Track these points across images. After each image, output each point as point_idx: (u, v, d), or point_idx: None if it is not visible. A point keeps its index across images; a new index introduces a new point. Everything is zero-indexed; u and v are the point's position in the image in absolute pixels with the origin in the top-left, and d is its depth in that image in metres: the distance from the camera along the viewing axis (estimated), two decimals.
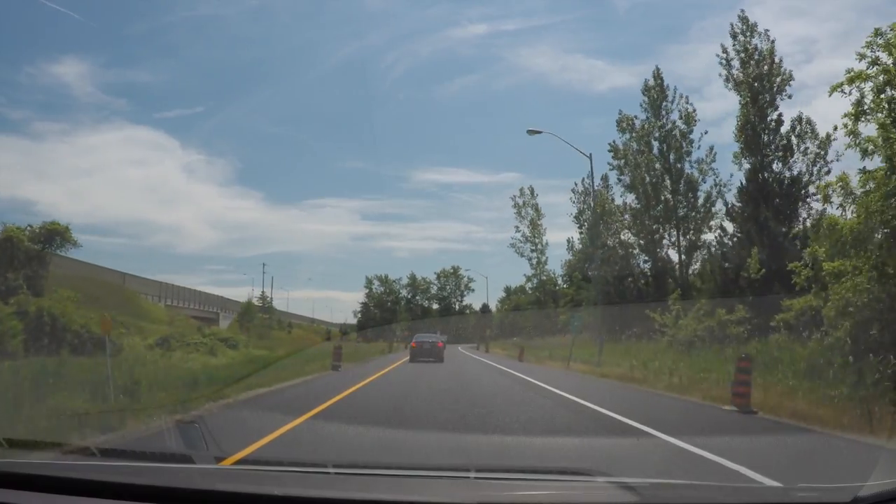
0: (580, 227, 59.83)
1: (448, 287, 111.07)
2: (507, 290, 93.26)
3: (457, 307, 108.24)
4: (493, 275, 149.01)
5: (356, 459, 5.67)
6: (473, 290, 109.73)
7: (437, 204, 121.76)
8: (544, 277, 67.09)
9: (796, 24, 69.43)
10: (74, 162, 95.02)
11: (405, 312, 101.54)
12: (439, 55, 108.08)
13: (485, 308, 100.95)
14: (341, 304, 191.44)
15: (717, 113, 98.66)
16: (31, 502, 2.37)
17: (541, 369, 25.05)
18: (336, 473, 2.99)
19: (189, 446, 3.81)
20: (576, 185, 60.14)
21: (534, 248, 67.38)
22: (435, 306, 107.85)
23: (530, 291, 70.47)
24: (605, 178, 56.55)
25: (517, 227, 67.53)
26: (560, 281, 65.27)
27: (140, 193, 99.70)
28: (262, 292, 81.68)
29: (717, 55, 31.07)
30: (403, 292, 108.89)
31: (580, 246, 60.40)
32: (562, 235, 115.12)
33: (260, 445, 7.05)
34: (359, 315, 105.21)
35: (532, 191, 68.40)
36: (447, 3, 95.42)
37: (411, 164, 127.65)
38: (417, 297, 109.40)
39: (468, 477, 3.03)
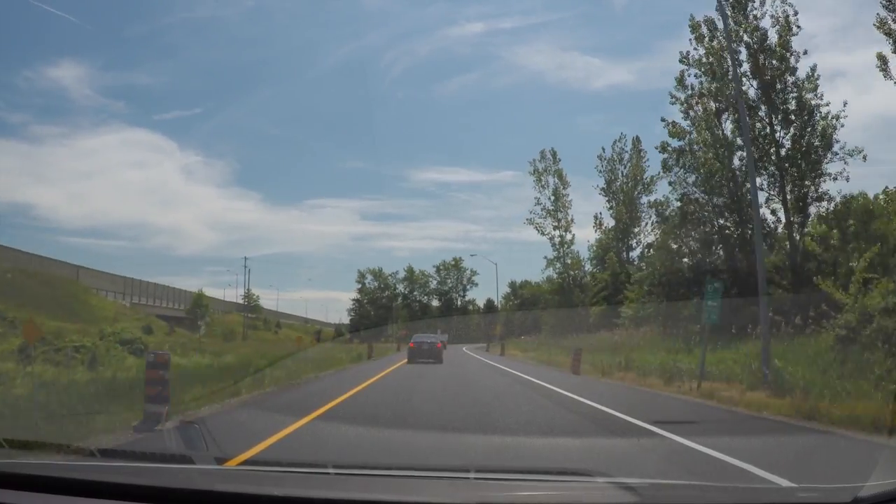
0: (609, 200, 51.89)
1: (449, 281, 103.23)
2: (513, 284, 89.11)
3: (459, 303, 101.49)
4: (494, 273, 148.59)
5: (356, 460, 5.67)
6: (477, 285, 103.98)
7: (437, 203, 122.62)
8: (569, 261, 54.09)
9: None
10: (73, 165, 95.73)
11: (403, 309, 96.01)
12: (437, 54, 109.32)
13: (490, 304, 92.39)
14: (342, 304, 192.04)
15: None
16: (31, 502, 2.38)
17: (687, 407, 12.47)
18: (336, 474, 3.00)
19: (189, 447, 3.82)
20: (602, 150, 52.92)
21: (556, 223, 53.55)
22: (435, 302, 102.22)
23: (551, 279, 57.83)
24: (636, 142, 51.46)
25: (537, 198, 54.23)
26: (589, 265, 54.52)
27: (139, 196, 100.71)
28: (247, 290, 79.59)
29: None
30: (400, 287, 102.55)
31: (612, 222, 52.13)
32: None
33: None
34: (352, 313, 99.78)
35: (554, 154, 54.60)
36: (445, 2, 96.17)
37: (410, 164, 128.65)
38: (415, 293, 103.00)
39: (468, 477, 3.04)
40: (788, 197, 26.78)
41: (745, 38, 27.35)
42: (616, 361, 21.60)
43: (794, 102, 26.56)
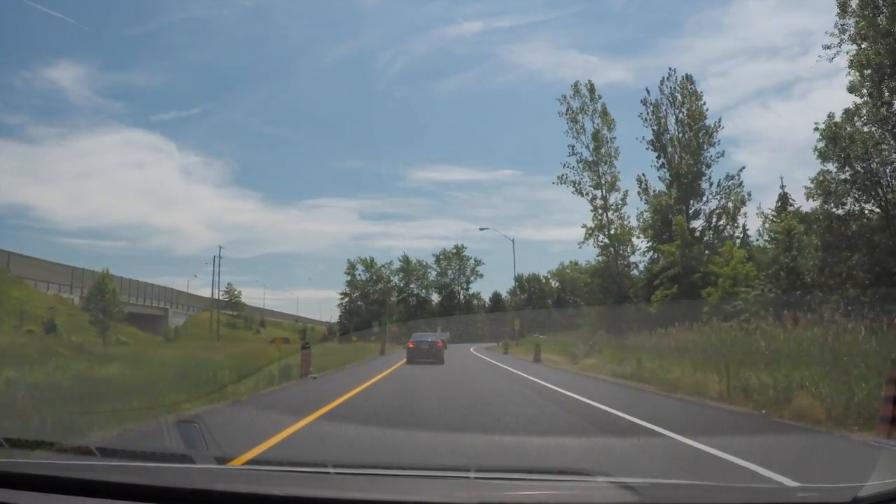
0: (660, 156, 39.61)
1: (450, 272, 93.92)
2: (520, 278, 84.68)
3: (461, 297, 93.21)
4: (492, 273, 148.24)
5: (356, 459, 5.68)
6: (482, 276, 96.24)
7: (435, 202, 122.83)
8: (615, 230, 40.24)
9: (792, 16, 69.83)
10: (72, 166, 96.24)
11: (399, 304, 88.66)
12: (435, 53, 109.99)
13: (497, 298, 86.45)
14: (336, 302, 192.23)
15: (714, 107, 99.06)
16: (31, 502, 2.40)
17: None
18: (336, 473, 3.02)
19: (189, 446, 3.84)
20: (647, 92, 40.71)
21: (597, 180, 40.36)
22: (434, 296, 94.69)
23: (565, 269, 45.05)
24: (687, 81, 39.98)
25: (571, 146, 41.04)
26: (641, 237, 40.52)
27: (138, 196, 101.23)
28: (229, 285, 77.41)
29: None
30: (395, 279, 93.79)
31: (663, 186, 39.17)
32: (569, 233, 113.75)
33: None
34: (341, 309, 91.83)
35: (592, 89, 41.75)
36: (442, 0, 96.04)
37: (409, 163, 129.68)
38: (412, 286, 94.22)
39: (468, 477, 3.06)
40: None
41: None
42: None
43: None
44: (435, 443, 7.63)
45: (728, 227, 37.36)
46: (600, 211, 40.23)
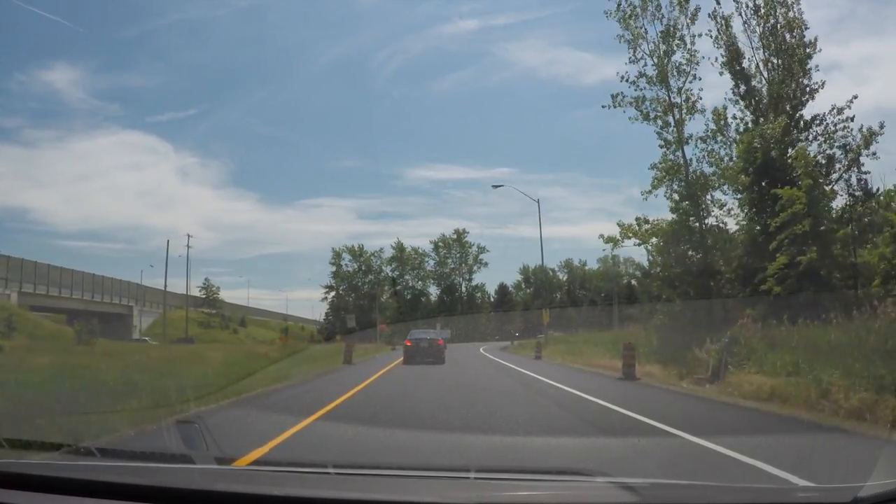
0: (738, 83, 25.90)
1: (450, 261, 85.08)
2: (525, 270, 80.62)
3: (463, 289, 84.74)
4: (491, 272, 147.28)
5: (356, 460, 5.68)
6: (486, 265, 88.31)
7: (433, 201, 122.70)
8: (695, 173, 25.28)
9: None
10: (68, 168, 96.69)
11: (390, 298, 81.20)
12: (431, 52, 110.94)
13: (503, 290, 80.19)
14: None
15: (710, 100, 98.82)
16: (31, 502, 2.41)
17: None
18: (336, 474, 3.03)
19: (189, 446, 3.85)
20: (717, 3, 26.07)
21: (666, 101, 25.21)
22: (433, 289, 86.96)
23: (671, 215, 25.85)
24: None
25: (630, 58, 25.85)
26: (728, 191, 25.84)
27: (135, 198, 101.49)
28: (206, 281, 74.73)
29: None
30: (387, 270, 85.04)
31: (750, 114, 25.51)
32: (566, 230, 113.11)
33: None
34: (328, 304, 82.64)
35: None
36: None
37: (405, 162, 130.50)
38: (407, 277, 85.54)
39: (468, 477, 3.08)
40: None
41: None
42: None
43: None
44: None
45: (847, 173, 25.21)
46: (673, 146, 25.96)
